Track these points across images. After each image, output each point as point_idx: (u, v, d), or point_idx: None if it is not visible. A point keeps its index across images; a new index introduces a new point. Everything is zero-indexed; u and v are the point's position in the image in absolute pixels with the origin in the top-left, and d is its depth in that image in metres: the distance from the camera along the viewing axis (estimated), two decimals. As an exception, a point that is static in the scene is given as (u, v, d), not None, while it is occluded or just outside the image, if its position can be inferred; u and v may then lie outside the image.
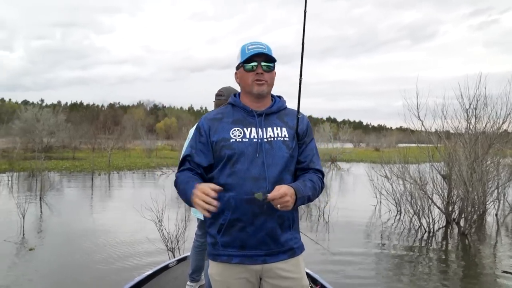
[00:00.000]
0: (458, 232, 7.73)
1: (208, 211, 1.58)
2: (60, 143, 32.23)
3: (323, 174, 1.91)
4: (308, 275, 3.69)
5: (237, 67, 1.88)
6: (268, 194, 1.62)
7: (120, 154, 28.80)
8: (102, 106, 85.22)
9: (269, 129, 1.82)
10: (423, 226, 7.92)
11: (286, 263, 1.80)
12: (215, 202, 1.57)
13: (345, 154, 31.71)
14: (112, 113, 63.43)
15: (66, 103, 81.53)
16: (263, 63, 1.81)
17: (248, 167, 1.73)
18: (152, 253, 5.86)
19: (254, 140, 1.77)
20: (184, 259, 4.15)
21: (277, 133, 1.81)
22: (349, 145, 42.79)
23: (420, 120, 8.21)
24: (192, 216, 3.82)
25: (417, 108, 8.15)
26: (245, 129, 1.80)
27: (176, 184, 1.83)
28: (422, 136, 8.75)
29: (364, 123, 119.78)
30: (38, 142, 28.68)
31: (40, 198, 10.23)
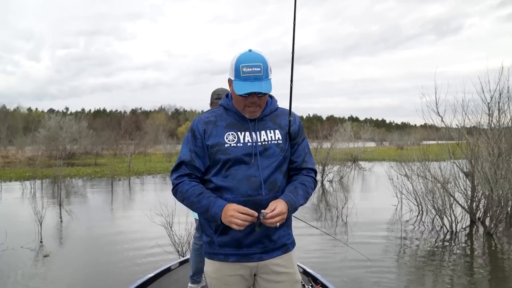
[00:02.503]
0: (484, 232, 7.40)
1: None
2: (82, 150, 32.97)
3: (315, 173, 1.97)
4: (309, 274, 3.60)
5: (230, 79, 1.82)
6: (265, 214, 1.69)
7: (140, 159, 29.19)
8: (125, 112, 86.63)
9: (263, 132, 1.84)
10: (446, 226, 7.62)
11: (280, 259, 1.86)
12: (250, 216, 1.69)
13: (367, 153, 31.20)
14: (134, 119, 64.42)
15: (90, 110, 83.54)
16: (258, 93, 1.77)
17: (243, 170, 1.78)
18: (169, 260, 5.81)
19: (249, 144, 1.81)
20: (186, 261, 4.11)
21: (271, 136, 1.85)
22: (372, 144, 42.12)
23: (439, 116, 7.92)
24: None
25: (436, 104, 7.87)
26: (239, 133, 1.82)
27: (180, 193, 1.82)
28: (442, 133, 8.44)
29: (387, 121, 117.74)
30: (61, 149, 29.41)
31: (60, 204, 10.41)
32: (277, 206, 1.70)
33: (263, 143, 1.81)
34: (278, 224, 1.69)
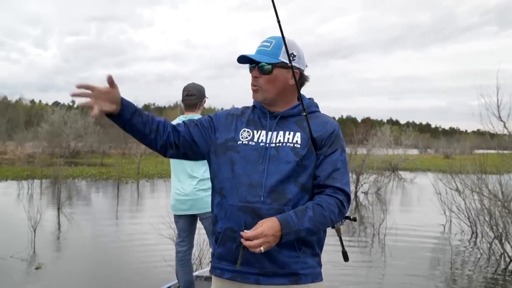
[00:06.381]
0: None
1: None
2: (88, 148, 33.40)
3: (347, 195, 1.76)
4: None
5: None
6: (243, 232, 1.57)
7: (151, 160, 29.33)
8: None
9: (281, 133, 1.79)
10: (507, 253, 7.19)
11: None
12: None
13: (408, 161, 30.53)
14: (145, 115, 65.18)
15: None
16: (261, 64, 1.78)
17: (248, 172, 1.73)
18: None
19: (261, 144, 1.77)
20: None
21: (288, 138, 1.77)
22: (414, 152, 41.28)
23: (501, 121, 7.48)
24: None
25: (498, 106, 7.43)
26: (255, 131, 1.81)
27: None
28: (505, 141, 7.99)
29: (433, 126, 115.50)
30: (64, 146, 29.86)
31: (59, 208, 10.44)
32: (264, 223, 1.58)
33: (277, 144, 1.76)
34: (261, 249, 1.54)
